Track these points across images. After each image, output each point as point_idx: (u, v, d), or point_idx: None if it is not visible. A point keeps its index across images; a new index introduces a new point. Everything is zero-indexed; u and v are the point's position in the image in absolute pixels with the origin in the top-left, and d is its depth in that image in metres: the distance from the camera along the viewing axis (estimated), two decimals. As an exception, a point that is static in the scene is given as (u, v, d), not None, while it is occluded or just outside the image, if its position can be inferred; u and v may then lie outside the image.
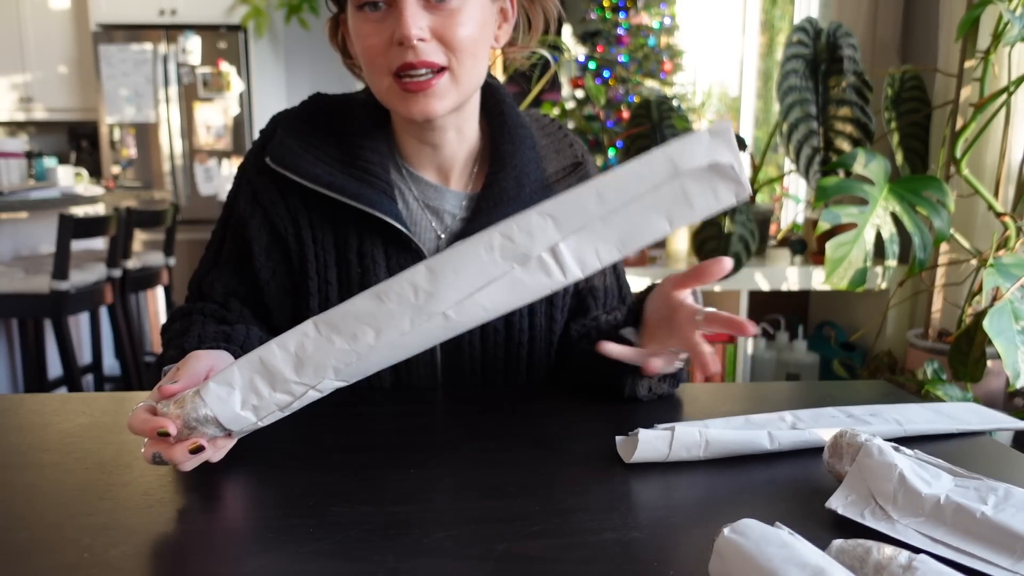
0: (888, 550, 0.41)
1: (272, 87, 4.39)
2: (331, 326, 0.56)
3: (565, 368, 0.91)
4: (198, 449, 0.57)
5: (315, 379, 0.57)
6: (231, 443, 0.62)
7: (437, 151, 0.85)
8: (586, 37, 3.01)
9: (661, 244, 2.39)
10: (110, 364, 3.20)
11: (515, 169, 0.84)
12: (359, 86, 0.90)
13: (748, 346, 2.35)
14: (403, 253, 0.83)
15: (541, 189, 0.85)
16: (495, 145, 0.86)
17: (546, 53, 0.97)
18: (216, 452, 0.60)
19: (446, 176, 0.87)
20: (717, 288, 2.16)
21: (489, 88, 0.88)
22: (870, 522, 0.53)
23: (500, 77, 2.47)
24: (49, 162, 3.01)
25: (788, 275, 2.20)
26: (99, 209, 3.21)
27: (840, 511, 0.55)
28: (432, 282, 0.55)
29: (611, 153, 2.83)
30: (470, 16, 0.74)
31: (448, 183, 0.87)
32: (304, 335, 0.56)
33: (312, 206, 0.83)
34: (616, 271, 0.95)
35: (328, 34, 0.86)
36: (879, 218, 1.80)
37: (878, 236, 1.82)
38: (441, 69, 0.75)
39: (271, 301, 0.85)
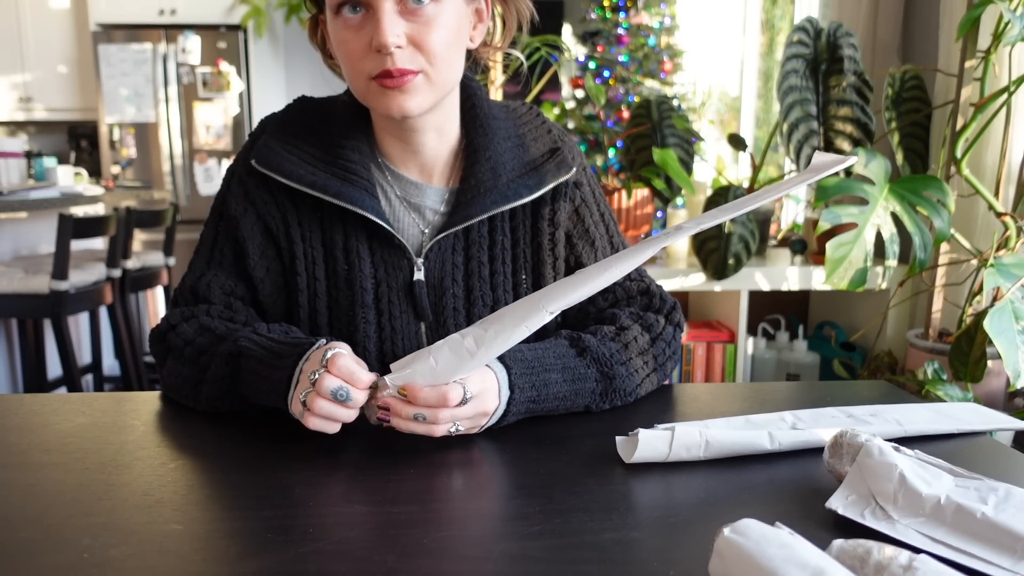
0: (888, 550, 0.41)
1: (272, 87, 4.39)
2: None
3: None
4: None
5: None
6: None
7: (419, 152, 0.86)
8: (586, 37, 3.01)
9: (661, 244, 2.38)
10: (110, 364, 3.20)
11: (489, 161, 0.85)
12: None
13: (748, 346, 2.35)
14: (387, 249, 0.85)
15: (521, 176, 0.87)
16: (469, 139, 0.87)
17: (518, 54, 0.98)
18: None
19: (429, 174, 0.89)
20: (717, 288, 2.16)
21: (463, 83, 0.89)
22: (870, 522, 0.53)
23: (499, 77, 2.46)
24: (48, 162, 3.00)
25: (788, 275, 2.19)
26: (99, 209, 3.21)
27: (840, 511, 0.55)
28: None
29: (611, 153, 2.82)
30: (445, 22, 0.76)
31: (431, 180, 0.89)
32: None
33: (299, 205, 0.85)
34: (612, 243, 0.95)
35: (308, 34, 0.88)
36: (879, 218, 1.80)
37: (878, 236, 1.81)
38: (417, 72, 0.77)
39: (265, 299, 0.87)
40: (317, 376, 0.66)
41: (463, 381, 0.67)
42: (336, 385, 0.66)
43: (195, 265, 0.88)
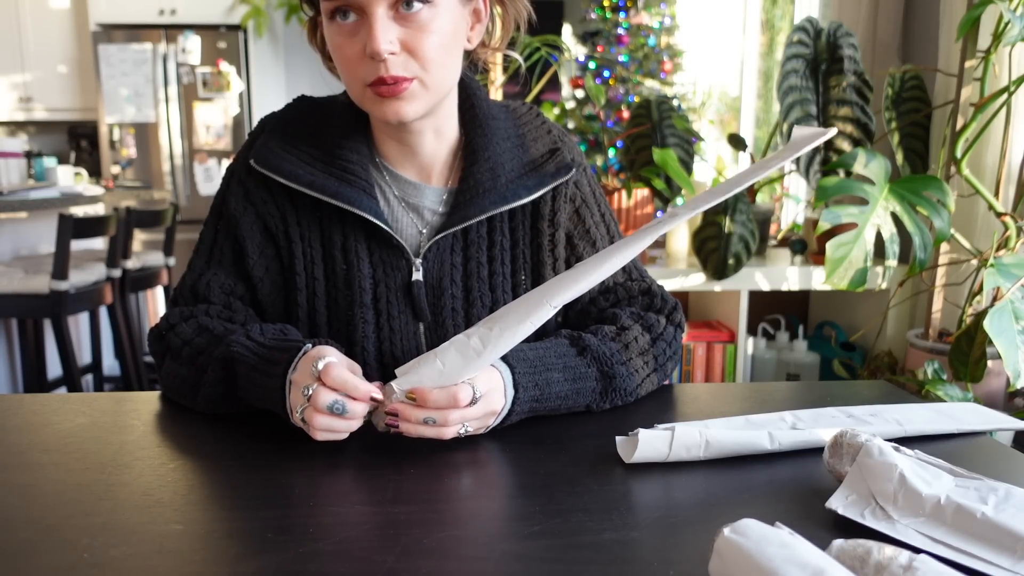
0: (888, 550, 0.41)
1: (272, 87, 4.39)
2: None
3: None
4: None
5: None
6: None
7: (417, 152, 0.86)
8: (586, 37, 3.01)
9: (661, 244, 2.39)
10: (110, 364, 3.20)
11: (488, 161, 0.85)
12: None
13: (748, 346, 2.35)
14: (385, 249, 0.85)
15: (520, 176, 0.86)
16: (468, 139, 0.87)
17: (515, 55, 0.97)
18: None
19: (427, 174, 0.88)
20: (717, 288, 2.16)
21: (462, 83, 0.89)
22: (870, 522, 0.53)
23: (500, 77, 2.47)
24: (49, 162, 3.00)
25: (788, 275, 2.19)
26: (99, 209, 3.21)
27: (840, 511, 0.55)
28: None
29: (611, 153, 2.82)
30: (439, 26, 0.75)
31: (429, 180, 0.89)
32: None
33: (298, 205, 0.85)
34: (611, 237, 0.95)
35: (307, 36, 0.88)
36: (879, 218, 1.80)
37: (878, 236, 1.81)
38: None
39: (264, 299, 0.87)
40: (311, 392, 0.65)
41: (471, 381, 0.67)
42: (331, 400, 0.64)
43: (194, 264, 0.88)
